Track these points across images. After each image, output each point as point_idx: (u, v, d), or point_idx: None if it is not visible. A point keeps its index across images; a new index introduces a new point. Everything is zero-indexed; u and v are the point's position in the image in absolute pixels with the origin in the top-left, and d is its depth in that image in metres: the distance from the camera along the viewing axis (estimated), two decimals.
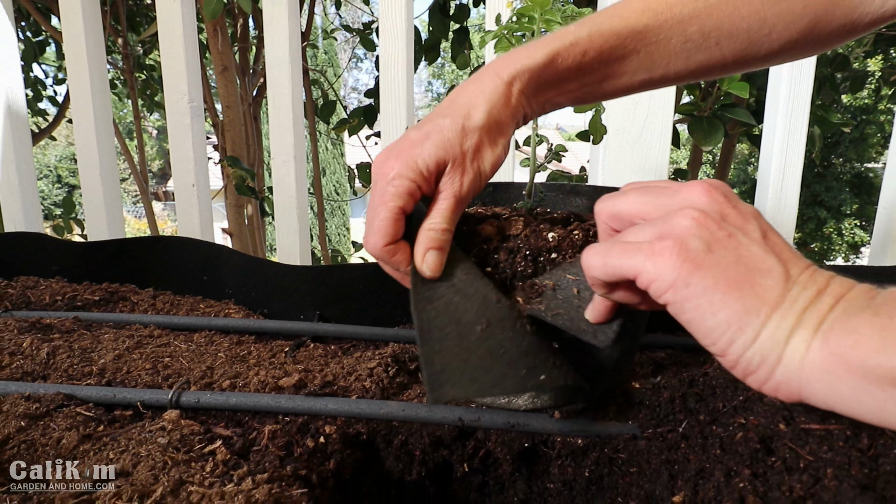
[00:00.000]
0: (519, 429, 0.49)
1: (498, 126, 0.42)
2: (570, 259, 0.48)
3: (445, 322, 0.40)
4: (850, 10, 0.45)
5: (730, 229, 0.32)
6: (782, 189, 0.90)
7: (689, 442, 0.44)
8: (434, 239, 0.41)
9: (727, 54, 0.45)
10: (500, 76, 0.41)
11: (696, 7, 0.43)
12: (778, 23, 0.44)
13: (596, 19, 0.43)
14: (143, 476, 0.42)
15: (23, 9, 1.94)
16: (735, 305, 0.30)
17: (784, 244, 0.32)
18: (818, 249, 8.13)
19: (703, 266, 0.30)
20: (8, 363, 0.61)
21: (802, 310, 0.29)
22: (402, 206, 0.40)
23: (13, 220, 1.21)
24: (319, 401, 0.52)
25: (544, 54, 0.41)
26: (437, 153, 0.40)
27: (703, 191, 0.33)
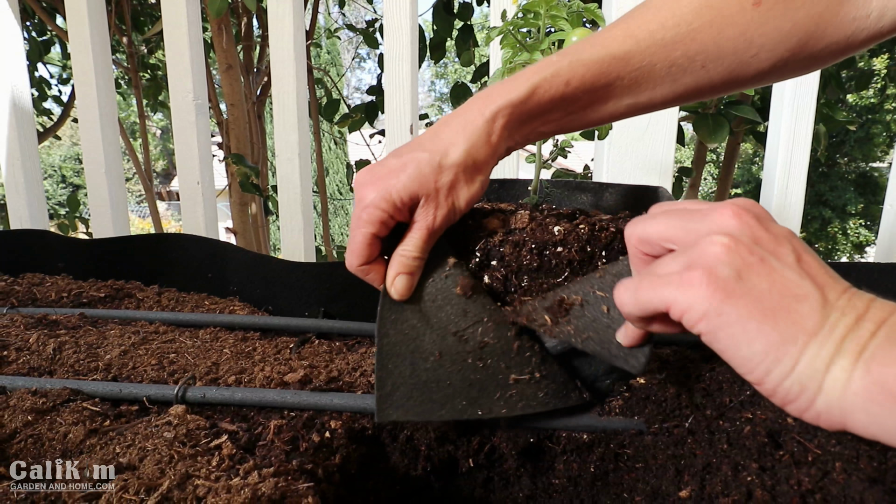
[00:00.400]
0: (524, 424, 0.49)
1: (475, 165, 0.43)
2: (597, 264, 0.48)
3: (404, 347, 0.44)
4: (843, 28, 0.43)
5: (762, 254, 0.31)
6: (787, 187, 0.89)
7: (696, 437, 0.43)
8: (404, 265, 0.44)
9: (714, 76, 0.44)
10: (482, 113, 0.42)
11: (678, 31, 0.42)
12: (766, 43, 0.42)
13: (577, 48, 0.43)
14: (149, 470, 0.42)
15: (28, 8, 1.95)
16: (771, 334, 0.29)
17: (820, 266, 0.31)
18: (822, 249, 8.10)
19: (734, 294, 0.30)
20: (15, 358, 0.61)
21: (842, 337, 0.28)
22: (374, 232, 0.43)
23: (19, 217, 1.22)
24: (325, 396, 0.52)
25: (525, 88, 0.42)
26: (411, 186, 0.41)
27: (733, 214, 0.32)
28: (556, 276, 0.48)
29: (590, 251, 0.47)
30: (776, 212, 0.91)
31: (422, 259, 0.44)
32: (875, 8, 0.42)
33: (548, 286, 0.48)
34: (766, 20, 0.42)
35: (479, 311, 0.45)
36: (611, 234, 0.48)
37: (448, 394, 0.44)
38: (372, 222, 0.42)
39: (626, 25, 0.43)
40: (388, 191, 0.41)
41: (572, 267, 0.47)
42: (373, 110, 1.70)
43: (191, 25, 1.05)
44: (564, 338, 0.44)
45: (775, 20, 0.42)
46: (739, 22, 0.42)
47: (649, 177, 0.90)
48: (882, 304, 0.29)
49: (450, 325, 0.45)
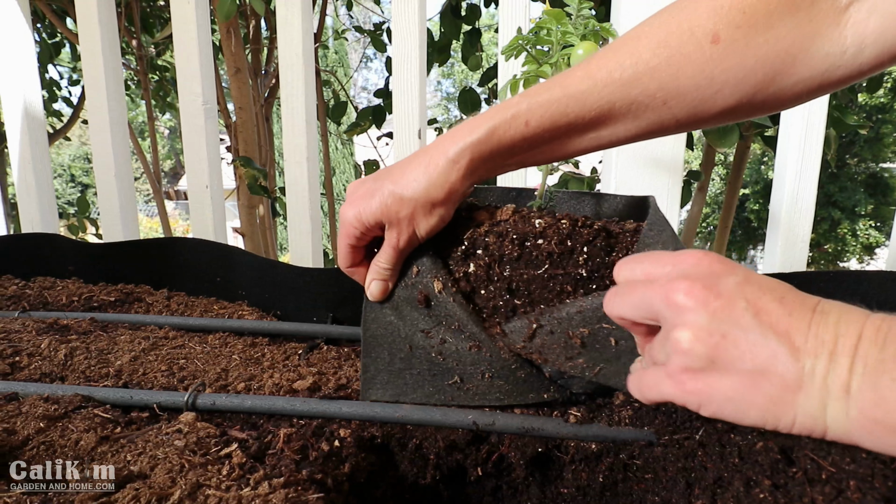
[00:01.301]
0: (533, 433, 0.49)
1: (434, 201, 0.47)
2: (578, 260, 0.49)
3: (383, 340, 0.53)
4: (815, 64, 0.41)
5: (723, 329, 0.32)
6: (798, 192, 0.89)
7: (707, 450, 0.43)
8: (377, 273, 0.51)
9: (678, 113, 0.44)
10: (446, 153, 0.45)
11: (636, 70, 0.42)
12: (728, 80, 0.42)
13: (538, 89, 0.45)
14: (160, 479, 0.43)
15: (38, 11, 1.96)
16: (760, 401, 0.31)
17: (778, 307, 0.32)
18: (832, 251, 8.04)
19: (713, 383, 0.32)
20: (27, 364, 0.62)
21: (823, 380, 0.30)
22: (352, 244, 0.51)
23: (30, 219, 1.23)
24: (334, 404, 0.52)
25: (485, 129, 0.45)
26: (376, 214, 0.47)
27: (684, 291, 0.34)
28: (537, 267, 0.50)
29: (570, 245, 0.49)
30: (787, 216, 0.90)
31: (392, 269, 0.51)
32: (851, 45, 0.40)
33: (535, 286, 0.50)
34: (725, 57, 0.41)
35: (439, 315, 0.51)
36: (593, 231, 0.50)
37: (418, 381, 0.51)
38: (348, 236, 0.50)
39: (587, 66, 0.44)
40: (359, 213, 0.48)
41: (552, 259, 0.49)
42: (380, 113, 1.70)
43: (200, 29, 1.05)
44: (576, 371, 0.47)
45: (736, 56, 0.41)
46: (698, 59, 0.41)
47: (659, 180, 0.90)
48: (847, 326, 0.30)
49: (419, 323, 0.51)
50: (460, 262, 0.51)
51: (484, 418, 0.49)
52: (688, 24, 0.42)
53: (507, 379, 0.50)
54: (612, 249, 0.50)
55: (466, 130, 0.45)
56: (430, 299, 0.50)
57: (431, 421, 0.50)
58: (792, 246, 0.91)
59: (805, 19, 0.40)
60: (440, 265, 0.51)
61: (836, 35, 0.40)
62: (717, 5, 0.41)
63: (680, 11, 0.43)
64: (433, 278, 0.50)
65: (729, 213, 1.52)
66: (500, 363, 0.49)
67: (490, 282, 0.50)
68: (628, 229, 0.53)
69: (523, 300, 0.50)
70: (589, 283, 0.50)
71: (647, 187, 0.89)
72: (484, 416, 0.49)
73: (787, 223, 0.90)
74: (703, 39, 0.41)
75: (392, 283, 0.52)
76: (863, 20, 0.39)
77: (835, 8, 0.40)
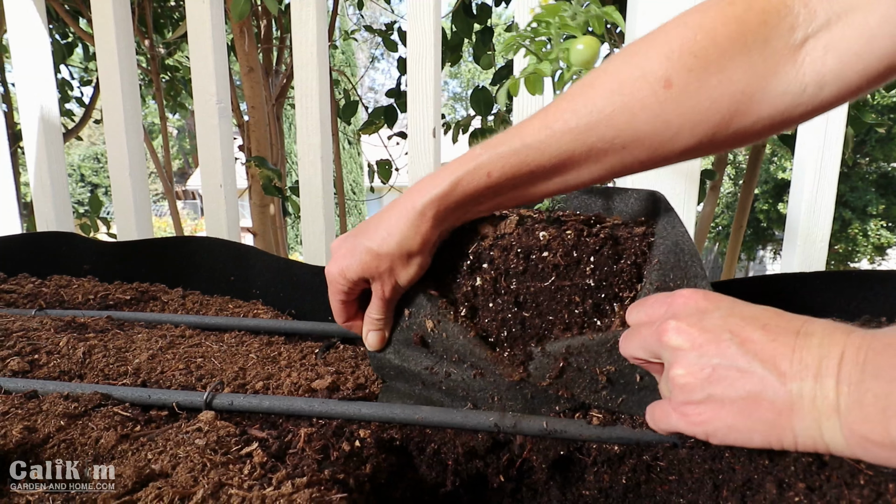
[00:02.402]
0: (555, 435, 0.48)
1: (409, 253, 0.48)
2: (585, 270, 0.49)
3: (396, 377, 0.56)
4: (774, 103, 0.40)
5: (711, 362, 0.35)
6: (817, 193, 0.88)
7: (734, 451, 0.42)
8: (371, 324, 0.53)
9: (639, 156, 0.44)
10: (415, 206, 0.47)
11: (590, 119, 0.43)
12: (684, 123, 0.41)
13: (498, 141, 0.46)
14: (182, 478, 0.42)
15: (51, 10, 1.98)
16: (759, 427, 0.33)
17: (762, 337, 0.34)
18: (842, 251, 7.96)
19: (712, 415, 0.35)
20: (46, 362, 0.62)
21: (812, 402, 0.31)
22: (343, 300, 0.53)
23: (45, 219, 1.24)
24: (353, 405, 0.52)
25: (448, 182, 0.46)
26: (359, 270, 0.49)
27: (672, 330, 0.37)
28: (543, 279, 0.49)
29: (576, 256, 0.48)
30: (805, 218, 0.89)
31: (384, 318, 0.53)
32: (810, 82, 0.39)
33: (543, 298, 0.49)
34: (680, 101, 0.41)
35: (438, 351, 0.51)
36: (599, 240, 0.49)
37: (439, 402, 0.53)
38: (337, 293, 0.52)
39: (544, 116, 0.45)
40: (342, 270, 0.50)
41: (558, 271, 0.48)
42: (392, 113, 1.70)
43: (214, 29, 1.05)
44: (599, 402, 0.47)
45: (690, 100, 0.41)
46: (652, 105, 0.41)
47: (675, 180, 0.89)
48: (829, 347, 0.32)
49: (421, 361, 0.53)
50: (466, 276, 0.51)
51: (505, 420, 0.48)
52: (640, 71, 0.42)
53: (515, 399, 0.49)
54: (620, 257, 0.49)
55: (431, 184, 0.47)
56: (425, 339, 0.51)
57: (452, 423, 0.49)
58: (811, 246, 0.90)
59: (759, 59, 0.40)
60: (428, 303, 0.51)
61: (794, 73, 0.39)
62: (668, 50, 0.41)
63: (633, 57, 0.43)
64: (424, 318, 0.51)
65: (743, 214, 1.50)
66: (506, 385, 0.49)
67: (497, 295, 0.50)
68: (637, 234, 0.52)
69: (531, 312, 0.49)
70: (598, 292, 0.48)
71: (664, 191, 0.88)
72: (505, 419, 0.49)
73: (806, 223, 0.89)
74: (656, 85, 0.41)
75: (387, 331, 0.54)
76: (819, 58, 0.39)
77: (789, 46, 0.39)
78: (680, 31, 0.42)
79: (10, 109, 2.31)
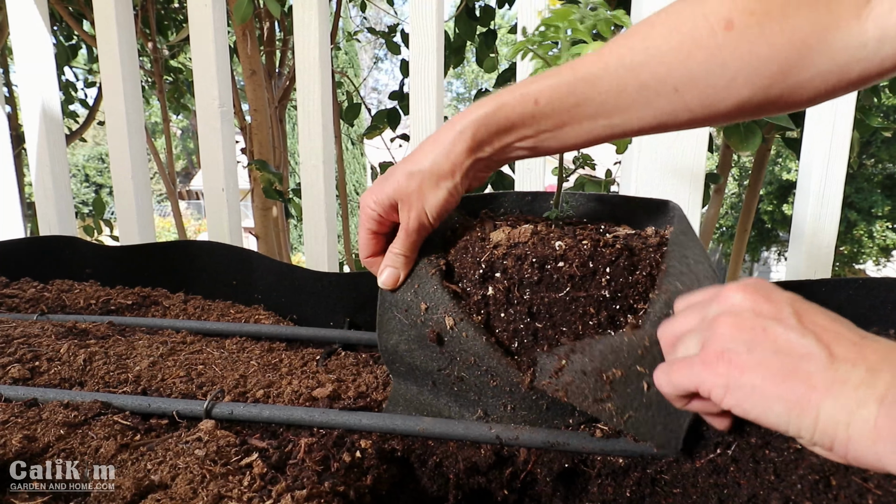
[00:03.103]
0: (558, 448, 0.48)
1: (440, 172, 0.47)
2: (601, 281, 0.48)
3: (395, 324, 0.53)
4: (834, 57, 0.39)
5: (764, 323, 0.34)
6: (824, 196, 0.87)
7: (740, 465, 0.42)
8: (391, 259, 0.52)
9: (690, 102, 0.43)
10: (454, 127, 0.47)
11: (647, 55, 0.42)
12: (742, 67, 0.40)
13: (548, 73, 0.45)
14: (182, 489, 0.42)
15: (56, 13, 1.98)
16: (787, 396, 0.32)
17: (827, 322, 0.33)
18: (847, 252, 7.92)
19: (746, 367, 0.33)
20: (46, 369, 0.62)
21: (855, 389, 0.30)
22: (372, 229, 0.52)
23: (47, 222, 1.24)
24: (353, 415, 0.51)
25: (493, 105, 0.46)
26: (390, 192, 0.49)
27: (737, 289, 0.37)
28: (558, 290, 0.48)
29: (592, 267, 0.48)
30: (811, 223, 0.88)
31: (405, 256, 0.51)
32: (871, 38, 0.38)
33: (557, 309, 0.48)
34: (739, 44, 0.40)
35: (453, 352, 0.49)
36: (615, 251, 0.48)
37: (445, 413, 0.52)
38: (368, 220, 0.51)
39: (599, 52, 0.44)
40: (376, 196, 0.50)
41: (574, 282, 0.48)
42: (395, 116, 1.70)
43: (217, 32, 1.05)
44: (604, 417, 0.44)
45: (750, 44, 0.40)
46: (710, 45, 0.41)
47: (679, 185, 0.88)
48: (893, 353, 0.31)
49: (434, 363, 0.51)
50: (478, 286, 0.49)
51: (508, 433, 0.48)
52: (701, 10, 0.41)
53: (529, 409, 0.48)
54: (636, 268, 0.49)
55: (476, 107, 0.47)
56: (442, 336, 0.49)
57: (454, 434, 0.49)
58: (816, 251, 0.89)
59: (824, 10, 0.39)
60: (450, 300, 0.49)
61: (857, 28, 0.38)
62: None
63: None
64: (444, 314, 0.49)
65: (748, 217, 1.49)
66: (521, 394, 0.48)
67: (510, 305, 0.49)
68: (651, 244, 0.51)
69: (545, 323, 0.48)
70: (613, 303, 0.48)
71: (669, 195, 0.87)
72: (508, 431, 0.48)
73: (812, 229, 0.89)
74: (717, 25, 0.40)
75: (404, 273, 0.52)
76: (885, 13, 0.38)
77: (856, 1, 0.38)
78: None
79: (14, 111, 2.32)
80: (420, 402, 0.54)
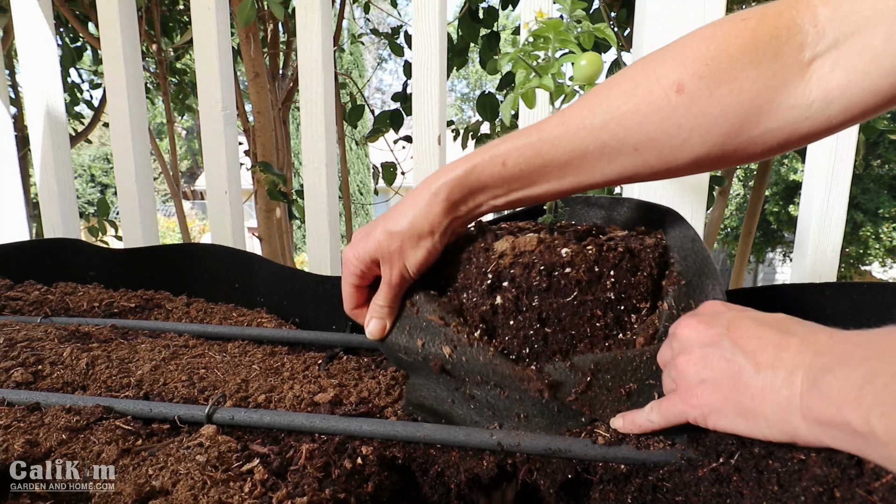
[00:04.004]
0: (560, 455, 0.47)
1: (419, 233, 0.49)
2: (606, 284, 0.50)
3: (403, 364, 0.55)
4: (782, 116, 0.42)
5: (706, 351, 0.40)
6: (829, 201, 0.86)
7: (743, 475, 0.42)
8: (375, 311, 0.54)
9: (650, 159, 0.45)
10: (429, 188, 0.48)
11: (605, 117, 0.44)
12: (695, 127, 0.43)
13: (516, 135, 0.48)
14: (182, 496, 0.42)
15: (61, 16, 1.99)
16: (740, 410, 0.38)
17: (754, 330, 0.39)
18: (854, 254, 7.87)
19: (704, 397, 0.40)
20: (49, 373, 0.62)
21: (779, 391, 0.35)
22: (355, 283, 0.54)
23: (52, 224, 1.24)
24: (354, 422, 0.51)
25: (464, 167, 0.48)
26: (371, 251, 0.51)
27: (685, 327, 0.43)
28: (566, 295, 0.49)
29: (598, 271, 0.49)
30: (816, 227, 0.88)
31: (388, 307, 0.53)
32: (816, 98, 0.41)
33: (565, 314, 0.49)
34: (691, 106, 0.42)
35: (460, 375, 0.50)
36: (618, 254, 0.50)
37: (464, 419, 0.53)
38: (350, 275, 0.53)
39: (562, 115, 0.47)
40: (358, 252, 0.52)
41: (581, 286, 0.49)
42: (398, 118, 1.70)
43: (220, 36, 1.05)
44: None
45: (700, 105, 0.42)
46: (664, 108, 0.43)
47: (683, 191, 0.88)
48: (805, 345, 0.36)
49: (447, 385, 0.52)
50: (486, 296, 0.50)
51: (509, 439, 0.48)
52: (654, 75, 0.44)
53: (543, 415, 0.49)
54: (638, 269, 0.50)
55: (449, 169, 0.48)
56: (444, 366, 0.50)
57: (455, 441, 0.49)
58: (822, 255, 0.89)
59: (769, 71, 0.41)
60: (442, 329, 0.50)
61: (802, 88, 0.41)
62: (682, 57, 0.43)
63: (649, 64, 0.45)
64: (441, 345, 0.50)
65: (753, 219, 1.49)
66: (531, 401, 0.48)
67: (519, 312, 0.49)
68: (648, 245, 0.53)
69: (554, 328, 0.49)
70: (618, 304, 0.49)
71: (672, 199, 0.87)
72: (509, 437, 0.48)
73: (817, 233, 0.88)
74: (669, 89, 0.43)
75: (389, 322, 0.54)
76: (826, 74, 0.40)
77: (798, 61, 0.41)
78: (694, 41, 0.44)
79: (20, 112, 2.33)
80: (440, 414, 0.54)
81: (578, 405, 0.47)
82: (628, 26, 1.51)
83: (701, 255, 0.52)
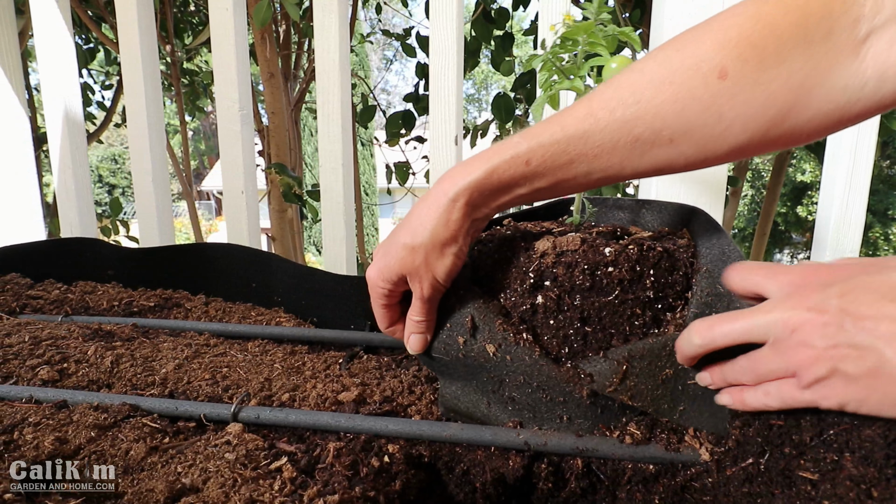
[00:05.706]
0: (587, 454, 0.47)
1: (442, 240, 0.47)
2: (646, 283, 0.50)
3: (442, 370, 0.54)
4: (832, 99, 0.38)
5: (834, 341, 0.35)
6: (848, 204, 0.86)
7: (773, 475, 0.42)
8: (412, 327, 0.51)
9: (686, 151, 0.42)
10: (446, 195, 0.46)
11: (638, 108, 0.41)
12: (737, 116, 0.40)
13: (537, 130, 0.44)
14: (214, 494, 0.42)
15: (75, 16, 2.00)
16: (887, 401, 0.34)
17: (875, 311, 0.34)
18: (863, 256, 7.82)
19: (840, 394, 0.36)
20: (74, 371, 0.63)
21: None
22: (385, 304, 0.52)
23: (69, 223, 1.25)
24: (379, 421, 0.51)
25: (483, 170, 0.45)
26: (397, 269, 0.48)
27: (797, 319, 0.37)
28: (608, 294, 0.49)
29: (639, 270, 0.49)
30: (835, 229, 0.87)
31: (426, 321, 0.51)
32: (871, 77, 0.37)
33: (606, 313, 0.49)
34: (734, 93, 0.39)
35: (500, 375, 0.50)
36: (657, 253, 0.50)
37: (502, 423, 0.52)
38: (379, 297, 0.51)
39: (588, 104, 0.43)
40: (382, 273, 0.49)
41: (622, 285, 0.49)
42: (410, 118, 1.70)
43: (237, 36, 1.06)
44: (660, 414, 0.47)
45: (745, 92, 0.39)
46: (703, 96, 0.40)
47: (700, 192, 0.87)
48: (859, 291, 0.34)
49: (485, 387, 0.52)
50: (527, 295, 0.50)
51: (536, 438, 0.48)
52: (692, 60, 0.40)
53: (585, 416, 0.49)
54: (675, 268, 0.51)
55: (466, 171, 0.45)
56: (486, 364, 0.50)
57: (481, 440, 0.49)
58: (841, 255, 0.88)
59: (820, 52, 0.38)
60: (486, 327, 0.50)
61: (855, 68, 0.38)
62: (724, 39, 0.39)
63: (685, 45, 0.41)
64: (484, 343, 0.49)
65: (767, 220, 1.48)
66: (575, 402, 0.48)
67: (560, 311, 0.49)
68: (681, 245, 0.54)
69: (594, 326, 0.49)
70: (656, 303, 0.50)
71: (690, 199, 0.87)
72: (536, 437, 0.48)
73: (836, 235, 0.88)
74: (709, 74, 0.39)
75: (429, 335, 0.52)
76: (885, 50, 0.37)
77: (852, 38, 0.37)
78: (737, 19, 0.40)
79: (33, 113, 2.35)
80: (476, 416, 0.54)
81: (619, 396, 0.46)
82: (641, 27, 1.51)
83: (729, 247, 0.52)
